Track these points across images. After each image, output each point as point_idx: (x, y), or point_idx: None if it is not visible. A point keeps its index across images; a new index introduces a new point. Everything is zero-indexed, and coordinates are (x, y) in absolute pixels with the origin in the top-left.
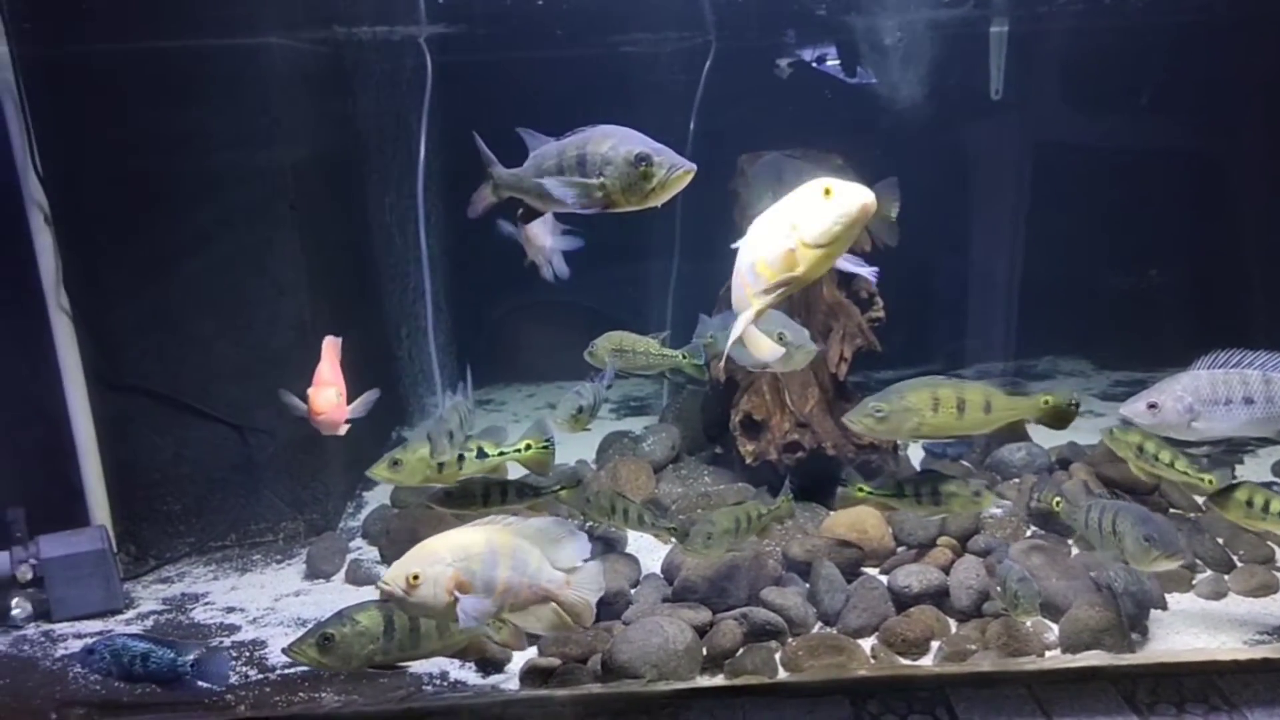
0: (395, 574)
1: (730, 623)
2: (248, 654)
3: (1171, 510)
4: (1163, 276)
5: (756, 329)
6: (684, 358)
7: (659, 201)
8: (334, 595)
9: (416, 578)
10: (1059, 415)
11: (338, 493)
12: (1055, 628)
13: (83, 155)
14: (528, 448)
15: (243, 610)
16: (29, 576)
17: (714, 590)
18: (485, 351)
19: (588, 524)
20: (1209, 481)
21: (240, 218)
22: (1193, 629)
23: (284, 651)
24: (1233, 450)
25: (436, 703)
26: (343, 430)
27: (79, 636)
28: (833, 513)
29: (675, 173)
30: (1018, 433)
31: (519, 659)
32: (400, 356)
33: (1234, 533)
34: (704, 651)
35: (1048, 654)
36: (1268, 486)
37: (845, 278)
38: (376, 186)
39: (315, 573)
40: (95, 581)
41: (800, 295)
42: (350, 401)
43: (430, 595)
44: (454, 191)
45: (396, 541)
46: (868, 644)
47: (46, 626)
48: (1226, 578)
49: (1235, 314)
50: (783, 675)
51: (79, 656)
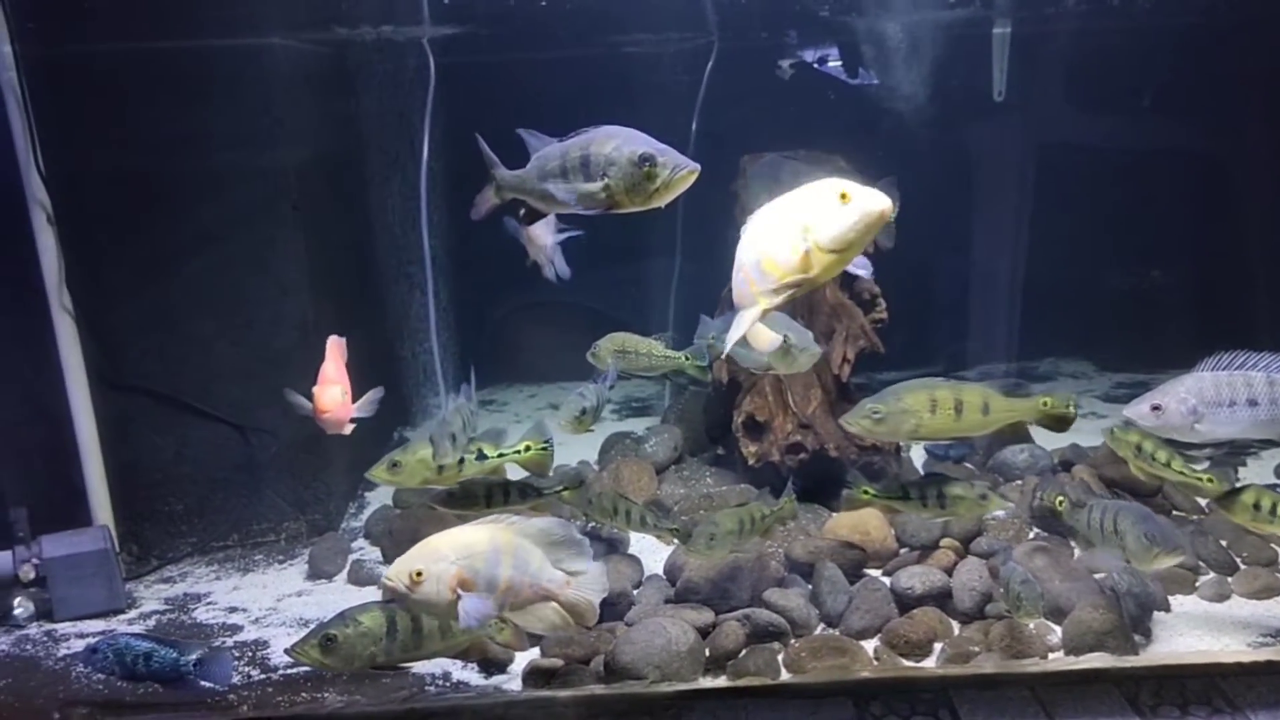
0: (399, 570)
1: (733, 624)
2: (250, 654)
3: (1175, 512)
4: (1166, 278)
5: (743, 314)
6: (687, 359)
7: (663, 202)
8: (336, 595)
9: (420, 574)
10: (1058, 417)
11: (340, 493)
12: (1058, 630)
13: (85, 155)
14: (527, 449)
15: (245, 610)
16: (31, 576)
17: (717, 591)
18: (487, 352)
19: (590, 525)
20: (1206, 480)
21: (243, 218)
22: (1196, 631)
23: (286, 652)
24: (1235, 452)
25: (439, 703)
26: (348, 429)
27: (81, 636)
28: (835, 514)
29: (679, 173)
30: (1020, 435)
31: (521, 659)
32: (402, 357)
33: (1237, 535)
34: (707, 653)
35: (1051, 656)
36: (1273, 489)
37: (848, 279)
38: (379, 187)
39: (317, 573)
40: (98, 581)
41: (803, 296)
42: (354, 400)
43: (433, 592)
44: (457, 192)
45: (399, 542)
46: (870, 645)
47: (49, 626)
48: (1230, 580)
49: (1239, 315)
50: (785, 676)
51: (82, 656)
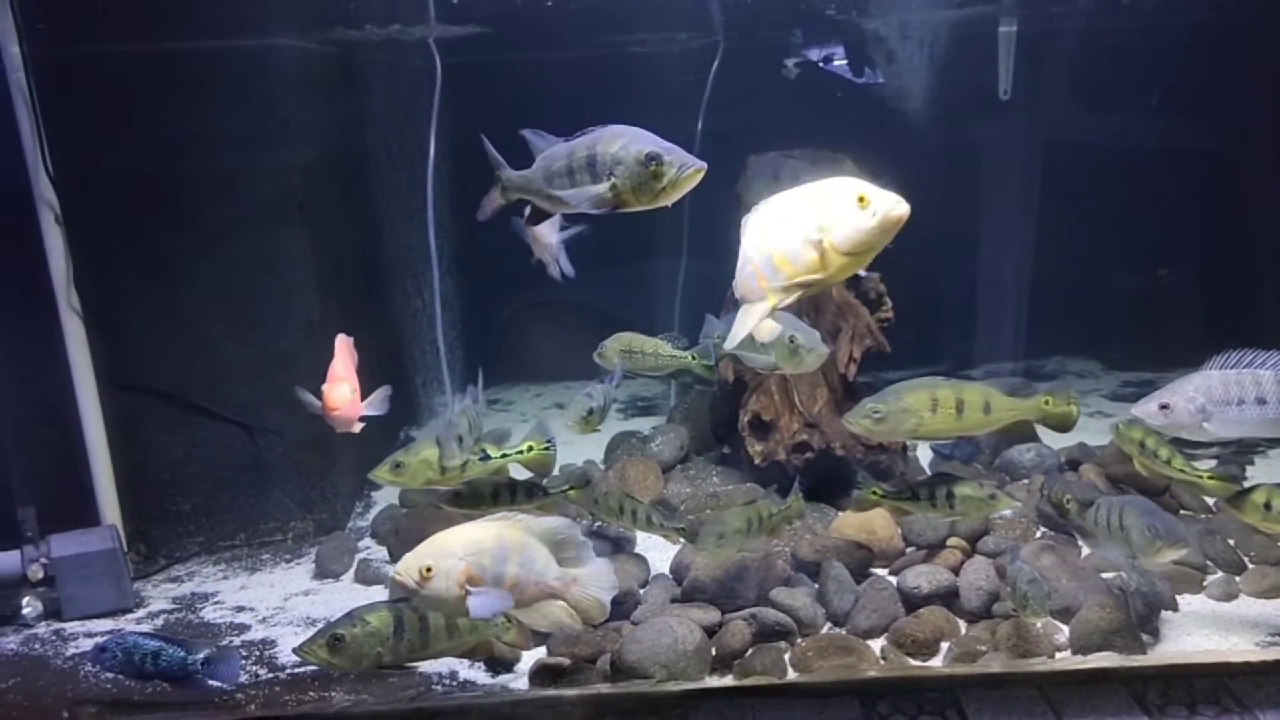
0: (409, 566)
1: (739, 623)
2: (258, 653)
3: (1183, 511)
4: (1173, 276)
5: (751, 308)
6: (694, 359)
7: (669, 201)
8: (343, 595)
9: (429, 570)
10: (1060, 416)
11: (346, 492)
12: (1066, 629)
13: (93, 156)
14: (529, 449)
15: (252, 609)
16: (40, 575)
17: (723, 590)
18: (493, 351)
19: (596, 524)
20: (1206, 479)
21: (249, 218)
22: (1204, 630)
23: (294, 651)
24: (1243, 451)
25: (446, 702)
26: (357, 427)
27: (90, 635)
28: (842, 513)
29: (686, 171)
30: (1027, 434)
31: (528, 658)
32: (409, 356)
33: (1245, 534)
34: (713, 652)
35: (1058, 655)
36: None
37: (854, 278)
38: (385, 187)
39: (324, 572)
40: (106, 580)
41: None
42: (363, 399)
43: (442, 588)
44: (463, 192)
45: (405, 541)
46: (877, 645)
47: (57, 625)
48: (1238, 579)
49: (1246, 313)
50: (792, 676)
51: (91, 655)
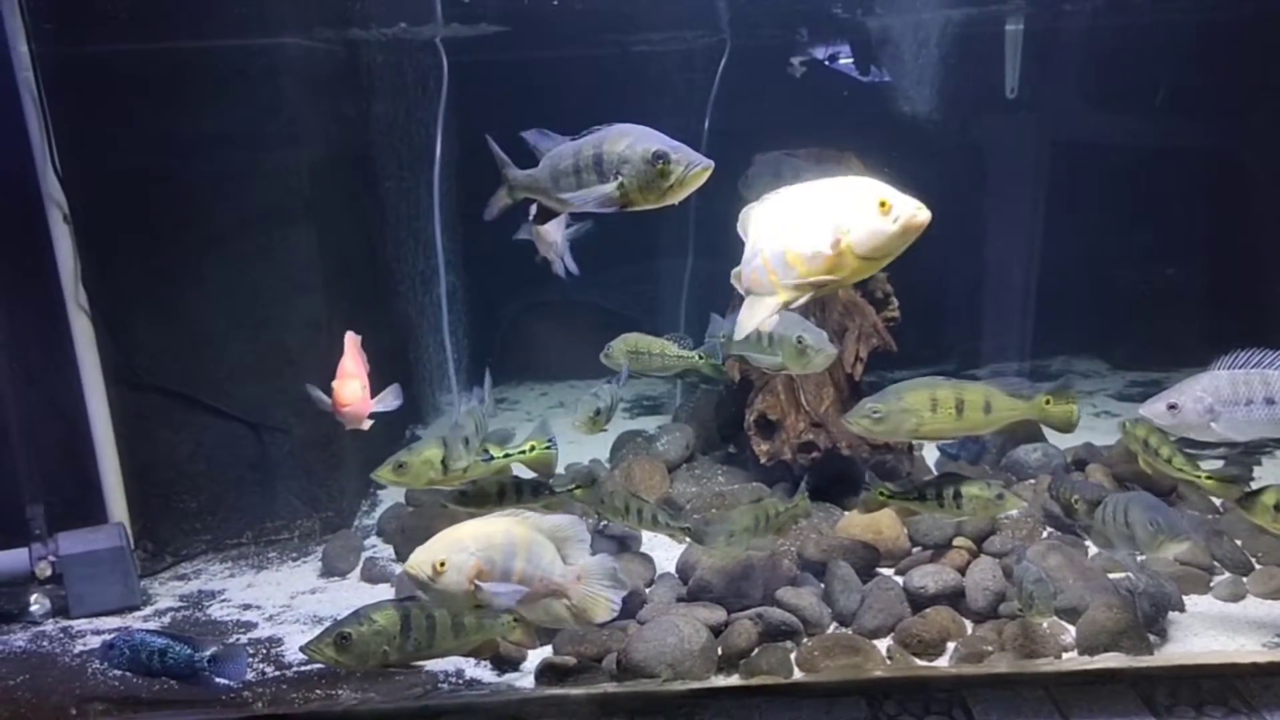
0: (421, 560)
1: (745, 622)
2: (264, 651)
3: (1190, 512)
4: (1180, 275)
5: (759, 302)
6: (701, 359)
7: (677, 199)
8: (349, 593)
9: (443, 564)
10: (1061, 416)
11: (352, 490)
12: (1073, 629)
13: (101, 155)
14: (531, 449)
15: (259, 607)
16: (48, 573)
17: (729, 590)
18: (499, 350)
19: (602, 523)
20: (1204, 479)
21: (256, 217)
22: (1211, 631)
23: (301, 650)
24: (1251, 451)
25: (452, 700)
26: (367, 424)
27: (97, 633)
28: (848, 513)
29: (693, 170)
30: (1033, 434)
31: (534, 657)
32: (415, 354)
33: (1253, 535)
34: (719, 651)
35: (1065, 655)
36: None
37: None
38: (392, 186)
39: (331, 570)
40: (113, 578)
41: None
42: (372, 396)
43: (454, 582)
44: (470, 190)
45: (411, 539)
46: (883, 645)
47: (65, 622)
48: (1245, 580)
49: (1254, 313)
50: (798, 675)
51: (98, 652)
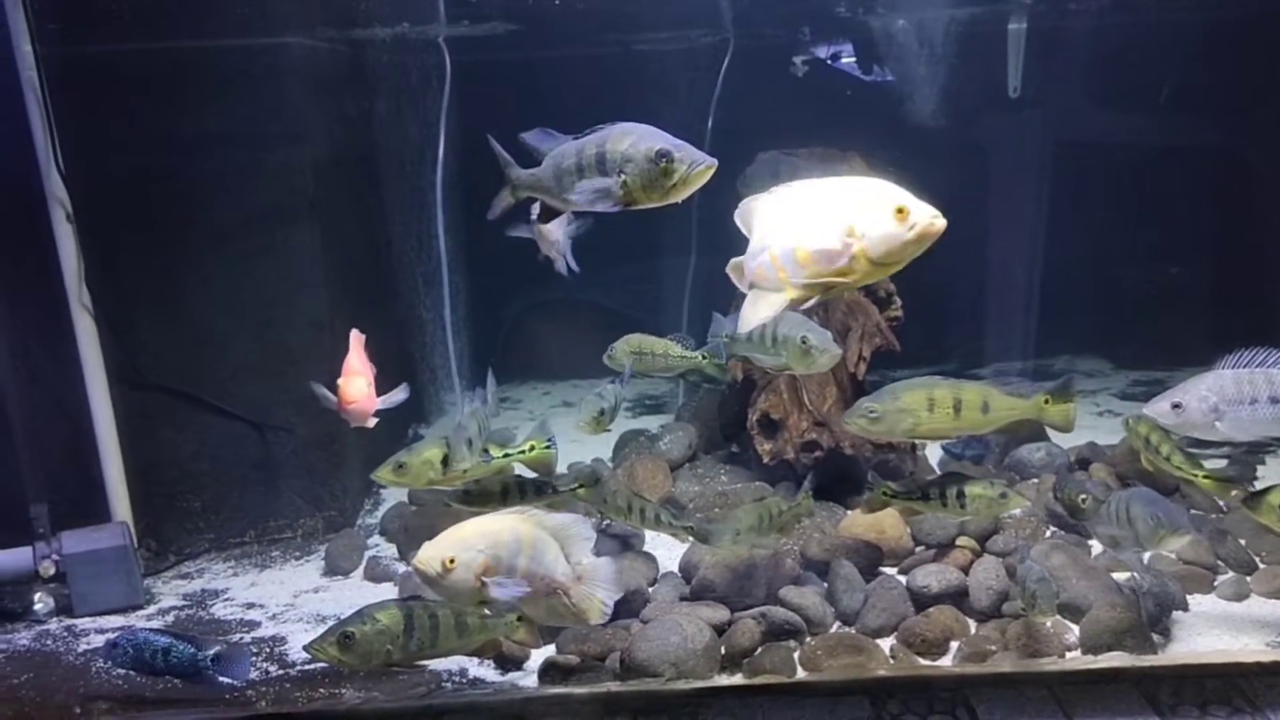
0: (430, 556)
1: (749, 622)
2: (268, 650)
3: (1193, 511)
4: (1184, 274)
5: (764, 297)
6: (704, 358)
7: (680, 198)
8: (352, 592)
9: (453, 561)
10: (1059, 415)
11: (355, 490)
12: (1076, 628)
13: (104, 154)
14: (531, 449)
15: (262, 606)
16: (51, 572)
17: (732, 589)
18: (501, 349)
19: (605, 522)
20: (1202, 478)
21: (260, 216)
22: (1215, 630)
23: (305, 649)
24: (1255, 450)
25: (456, 700)
26: (372, 422)
27: (101, 631)
28: (851, 512)
29: (696, 168)
30: (1036, 433)
31: (537, 656)
32: (418, 353)
33: (1256, 534)
34: (722, 650)
35: (1069, 655)
36: None
37: None
38: (395, 185)
39: (334, 569)
40: (117, 577)
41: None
42: (378, 395)
43: (462, 579)
44: (473, 190)
45: (414, 538)
46: (886, 644)
47: (69, 621)
48: (1249, 579)
49: (1259, 312)
50: (801, 675)
51: (102, 651)
